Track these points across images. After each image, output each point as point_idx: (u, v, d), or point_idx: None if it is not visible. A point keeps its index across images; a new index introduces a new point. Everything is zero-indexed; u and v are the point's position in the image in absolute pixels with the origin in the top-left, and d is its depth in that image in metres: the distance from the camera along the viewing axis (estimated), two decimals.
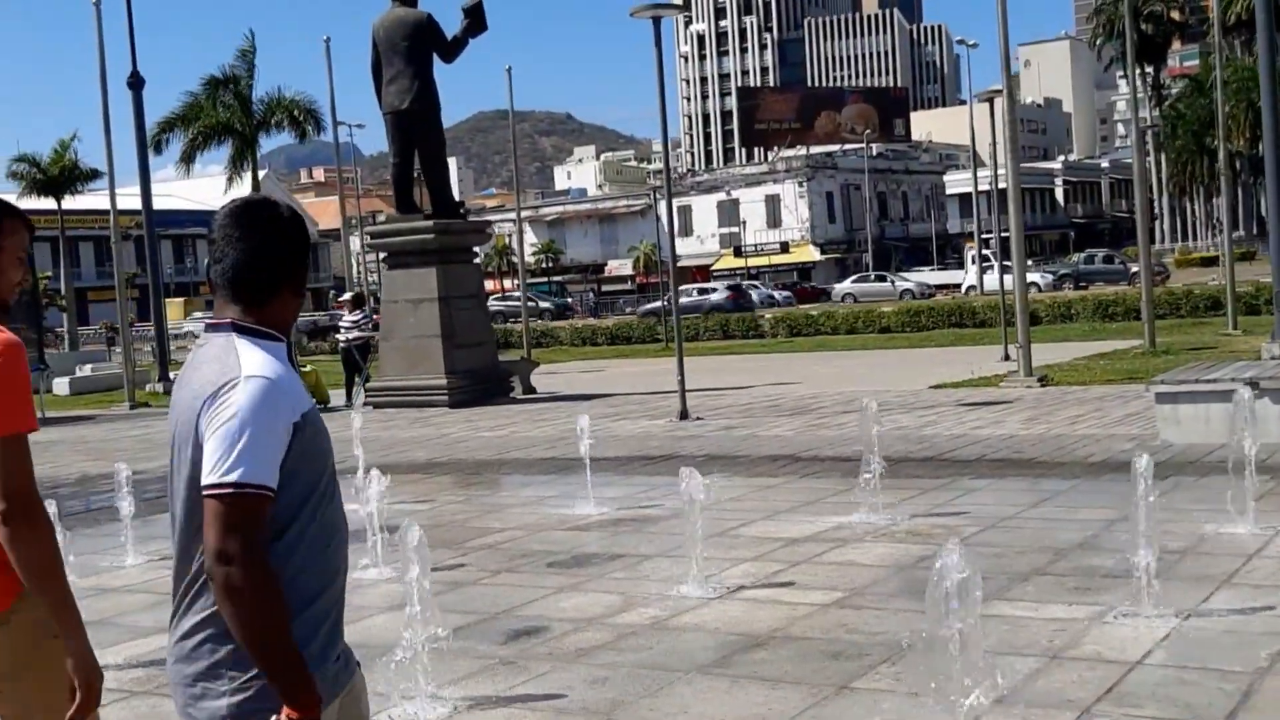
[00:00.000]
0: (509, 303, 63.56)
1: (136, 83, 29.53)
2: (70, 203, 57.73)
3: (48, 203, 57.04)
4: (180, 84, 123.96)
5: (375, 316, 24.76)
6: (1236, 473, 8.38)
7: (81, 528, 10.75)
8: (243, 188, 49.30)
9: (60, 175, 54.56)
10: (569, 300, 78.36)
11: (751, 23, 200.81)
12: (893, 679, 5.67)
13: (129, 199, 33.39)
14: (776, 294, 69.21)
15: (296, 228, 2.76)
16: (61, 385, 30.45)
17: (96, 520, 11.36)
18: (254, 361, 2.61)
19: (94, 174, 54.87)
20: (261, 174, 51.81)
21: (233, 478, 2.50)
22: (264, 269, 2.70)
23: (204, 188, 73.71)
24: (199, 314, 67.91)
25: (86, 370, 33.11)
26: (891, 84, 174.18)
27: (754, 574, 7.85)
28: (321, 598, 2.66)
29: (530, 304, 69.09)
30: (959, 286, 64.84)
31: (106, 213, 28.50)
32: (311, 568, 2.65)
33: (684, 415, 16.69)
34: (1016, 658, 5.81)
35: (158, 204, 33.71)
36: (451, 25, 21.66)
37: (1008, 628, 6.29)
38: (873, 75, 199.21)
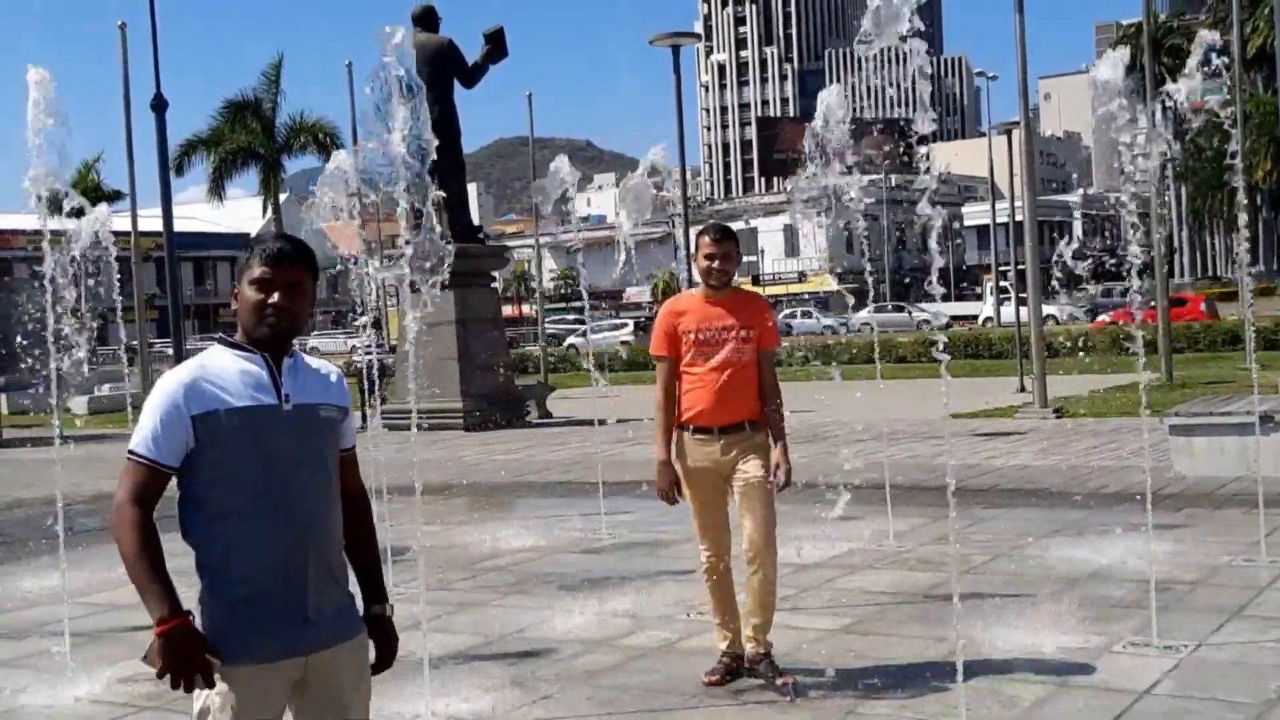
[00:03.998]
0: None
1: (159, 105, 29.70)
2: None
3: (70, 224, 57.36)
4: (203, 107, 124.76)
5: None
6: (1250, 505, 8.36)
7: (94, 544, 10.80)
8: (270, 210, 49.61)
9: (83, 196, 54.84)
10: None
11: (772, 53, 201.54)
12: (899, 705, 5.67)
13: (150, 220, 33.57)
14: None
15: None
16: (80, 404, 30.59)
17: (109, 538, 11.40)
18: (186, 363, 3.23)
19: (116, 195, 55.17)
20: (282, 197, 52.11)
21: (129, 445, 3.17)
22: None
23: (225, 210, 73.96)
24: None
25: (105, 389, 33.24)
26: (911, 116, 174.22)
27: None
28: (249, 577, 3.12)
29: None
30: (975, 318, 64.71)
31: (128, 234, 28.64)
32: (242, 550, 3.13)
33: None
34: (1024, 685, 5.80)
35: (179, 226, 33.82)
36: (473, 51, 21.84)
37: (1016, 655, 6.28)
38: (893, 107, 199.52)
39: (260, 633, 3.11)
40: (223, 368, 3.18)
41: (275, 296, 3.19)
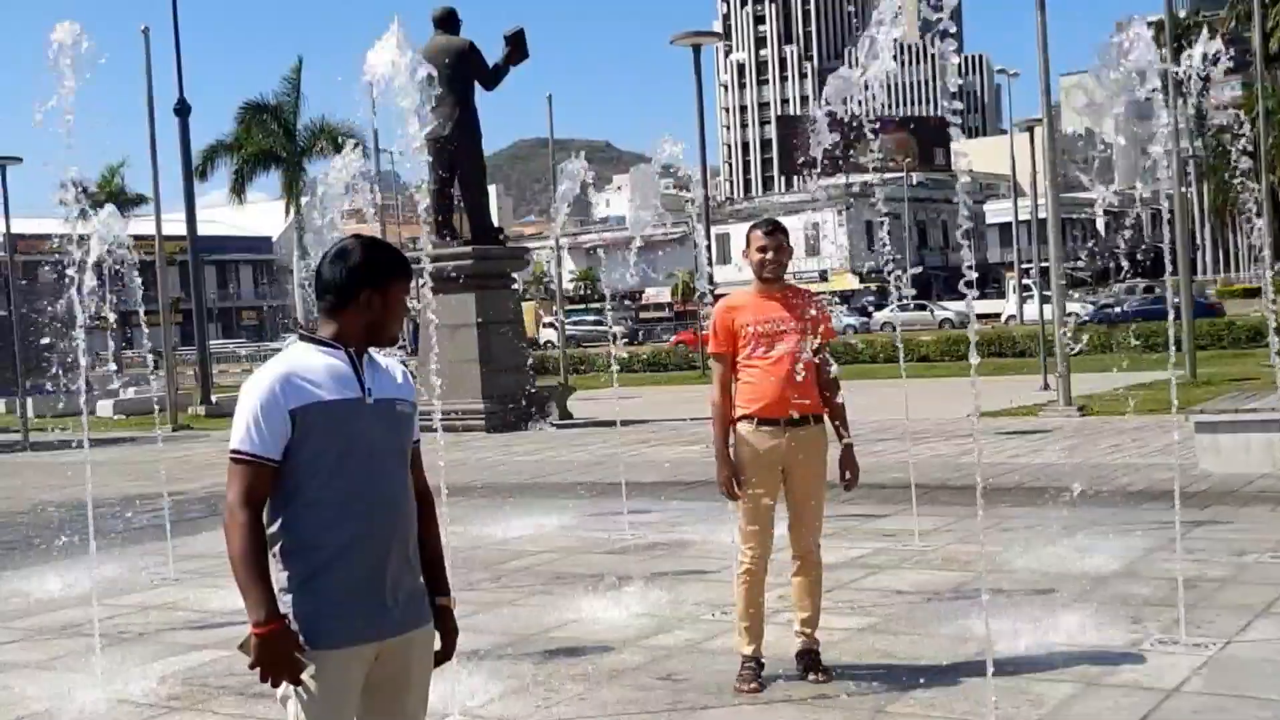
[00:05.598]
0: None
1: (183, 109, 29.88)
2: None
3: (95, 227, 57.60)
4: (227, 111, 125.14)
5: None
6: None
7: (123, 546, 10.89)
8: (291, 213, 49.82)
9: (107, 201, 55.03)
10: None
11: (792, 52, 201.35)
12: (927, 704, 5.66)
13: (174, 224, 33.79)
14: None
15: (357, 261, 3.36)
16: (105, 407, 30.76)
17: (138, 539, 11.48)
18: (274, 361, 3.34)
19: (140, 200, 55.43)
20: (304, 200, 52.35)
21: (230, 445, 3.26)
22: (322, 292, 3.40)
23: (248, 214, 74.39)
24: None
25: (131, 393, 33.40)
26: (931, 113, 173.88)
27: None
28: (336, 564, 3.24)
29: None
30: (999, 316, 64.42)
31: (152, 238, 28.81)
32: (332, 538, 3.25)
33: None
34: (1052, 683, 5.79)
35: (202, 230, 34.06)
36: (494, 53, 21.88)
37: (1044, 654, 6.26)
38: (913, 104, 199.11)
39: (346, 618, 3.25)
40: (310, 363, 3.33)
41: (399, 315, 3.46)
